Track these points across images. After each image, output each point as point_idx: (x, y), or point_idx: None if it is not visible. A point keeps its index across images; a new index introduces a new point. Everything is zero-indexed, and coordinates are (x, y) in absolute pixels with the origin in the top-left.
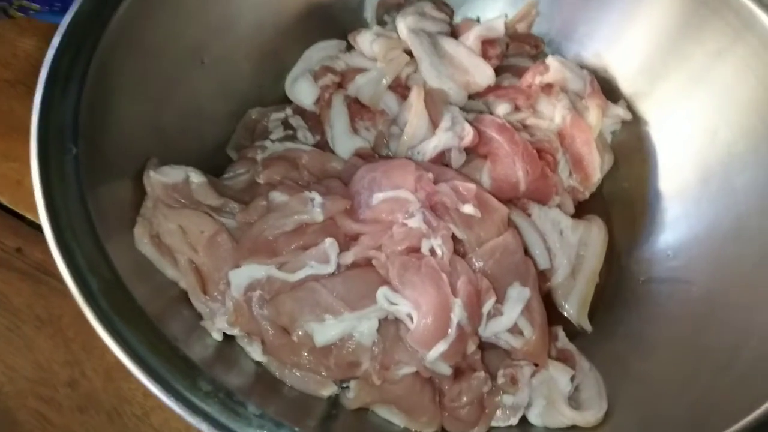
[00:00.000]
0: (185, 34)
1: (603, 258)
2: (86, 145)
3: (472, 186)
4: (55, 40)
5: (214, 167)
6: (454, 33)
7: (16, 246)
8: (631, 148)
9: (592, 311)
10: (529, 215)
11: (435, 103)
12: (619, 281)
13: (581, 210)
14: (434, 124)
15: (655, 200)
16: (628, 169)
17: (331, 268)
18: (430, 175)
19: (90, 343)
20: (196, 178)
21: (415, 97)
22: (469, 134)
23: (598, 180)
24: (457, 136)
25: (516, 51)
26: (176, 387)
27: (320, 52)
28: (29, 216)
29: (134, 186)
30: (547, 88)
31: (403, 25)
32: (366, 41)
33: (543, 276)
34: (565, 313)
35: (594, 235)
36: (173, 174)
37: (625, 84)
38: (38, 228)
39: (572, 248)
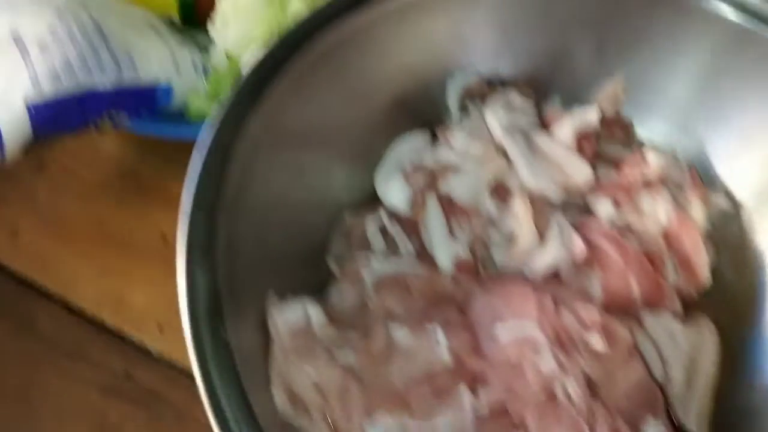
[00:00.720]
0: (291, 156)
1: (718, 363)
2: (230, 307)
3: (595, 315)
4: (185, 211)
5: (319, 281)
6: (543, 123)
7: (125, 371)
8: (732, 237)
9: (711, 423)
10: (641, 325)
11: (540, 211)
12: (735, 388)
13: (684, 305)
14: (540, 233)
15: (761, 295)
16: (729, 259)
17: (467, 419)
18: (551, 301)
19: None
20: (314, 312)
21: (523, 212)
22: (580, 249)
23: (707, 280)
24: (567, 250)
25: (606, 136)
26: None
27: (407, 146)
28: (134, 337)
29: (261, 328)
30: (647, 181)
31: (497, 124)
32: (459, 141)
33: None
34: (684, 427)
35: (706, 338)
36: (293, 312)
37: (722, 167)
38: (144, 351)
39: (685, 355)
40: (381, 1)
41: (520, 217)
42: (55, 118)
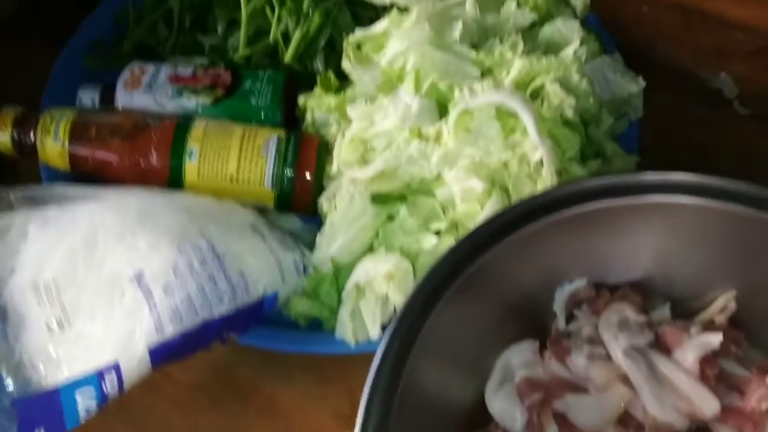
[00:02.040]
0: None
1: None
2: None
3: None
4: None
5: None
6: (660, 341)
7: None
8: None
9: None
10: None
11: None
12: None
13: None
14: None
15: None
16: None
17: None
18: None
19: None
20: None
21: None
22: None
23: None
24: None
25: (720, 351)
26: None
27: (515, 357)
28: None
29: None
30: None
31: (617, 348)
32: (579, 364)
33: None
34: None
35: None
36: None
37: None
38: None
39: None
40: (509, 232)
41: None
42: (173, 352)
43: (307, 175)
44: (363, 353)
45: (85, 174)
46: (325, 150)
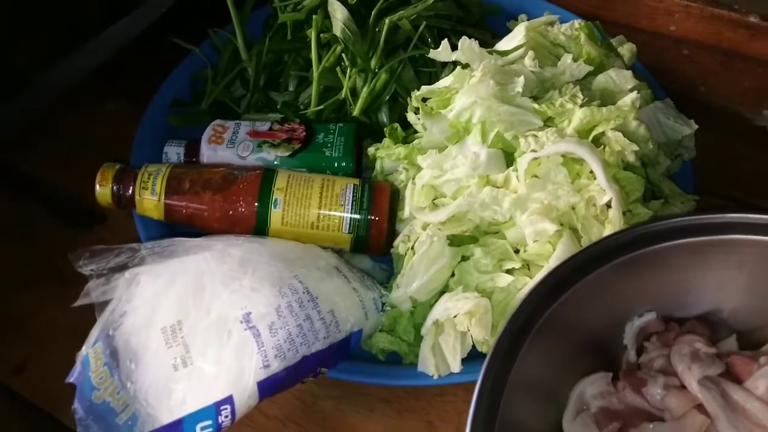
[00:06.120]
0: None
1: None
2: None
3: None
4: None
5: None
6: (731, 372)
7: None
8: None
9: None
10: None
11: None
12: None
13: None
14: None
15: None
16: None
17: None
18: None
19: None
20: None
21: None
22: None
23: None
24: None
25: None
26: None
27: (590, 388)
28: None
29: None
30: None
31: (693, 380)
32: (655, 394)
33: None
34: None
35: None
36: None
37: None
38: None
39: None
40: (584, 274)
41: None
42: (277, 386)
43: (381, 220)
44: (438, 386)
45: (178, 223)
46: (396, 196)
